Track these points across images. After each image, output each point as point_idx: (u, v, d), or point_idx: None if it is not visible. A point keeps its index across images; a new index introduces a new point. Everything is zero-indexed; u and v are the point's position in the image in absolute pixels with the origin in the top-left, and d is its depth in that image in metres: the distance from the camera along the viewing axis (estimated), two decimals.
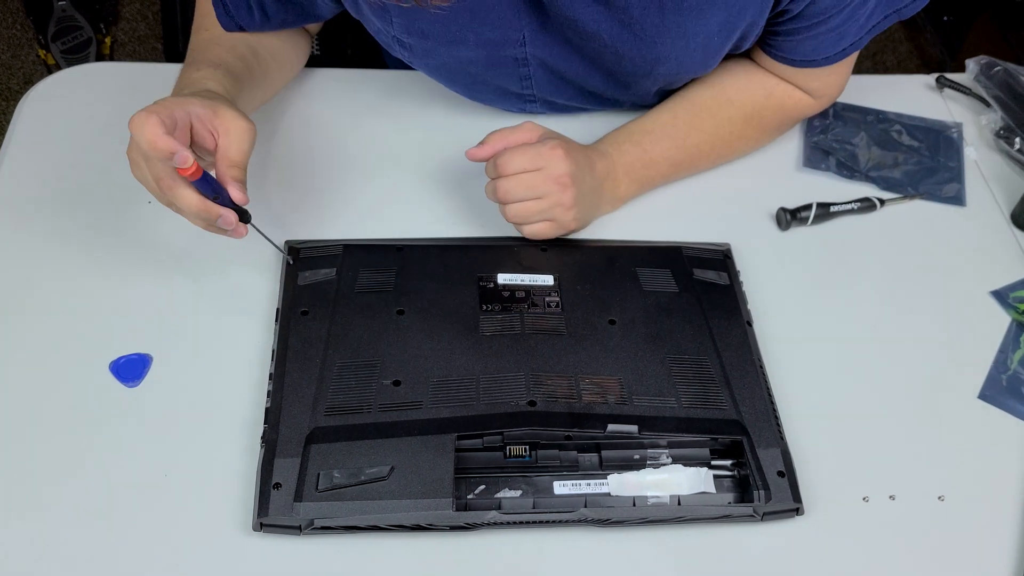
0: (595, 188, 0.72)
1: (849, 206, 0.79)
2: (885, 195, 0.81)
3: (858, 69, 0.83)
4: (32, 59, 1.78)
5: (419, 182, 0.79)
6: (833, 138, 0.86)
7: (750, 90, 0.78)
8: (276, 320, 0.66)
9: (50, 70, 1.72)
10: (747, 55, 0.79)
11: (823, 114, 0.88)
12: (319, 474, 0.57)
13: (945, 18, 1.85)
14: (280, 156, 0.80)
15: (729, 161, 0.81)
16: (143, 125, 0.58)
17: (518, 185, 0.68)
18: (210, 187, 0.61)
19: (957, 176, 0.84)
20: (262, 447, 0.59)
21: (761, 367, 0.66)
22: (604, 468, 0.61)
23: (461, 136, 0.82)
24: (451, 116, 0.84)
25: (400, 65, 0.82)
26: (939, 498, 0.62)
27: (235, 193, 0.62)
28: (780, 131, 0.82)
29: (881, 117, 0.88)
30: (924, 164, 0.85)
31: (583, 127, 0.82)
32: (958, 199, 0.82)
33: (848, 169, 0.84)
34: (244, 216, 0.63)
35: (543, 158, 0.68)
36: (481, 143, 0.70)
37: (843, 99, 0.89)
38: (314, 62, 0.87)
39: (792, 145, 0.85)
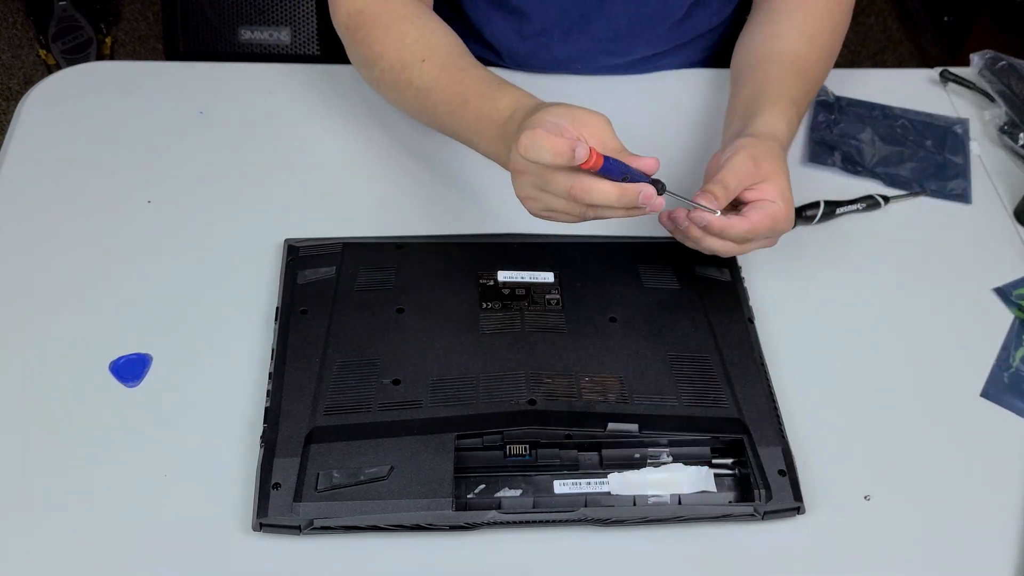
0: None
1: (855, 206, 0.78)
2: (891, 192, 0.81)
3: (858, 68, 0.82)
4: (32, 59, 1.78)
5: (419, 180, 0.78)
6: (838, 133, 0.86)
7: (818, 20, 0.78)
8: (276, 319, 0.66)
9: (50, 70, 1.72)
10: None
11: (828, 109, 0.87)
12: (319, 474, 0.57)
13: (945, 18, 1.84)
14: (279, 154, 0.80)
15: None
16: (538, 140, 0.56)
17: (756, 246, 0.66)
18: (618, 169, 0.58)
19: (963, 173, 0.84)
20: (261, 447, 0.59)
21: (763, 365, 0.66)
22: (604, 467, 0.60)
23: None
24: None
25: None
26: (940, 497, 0.62)
27: (646, 162, 0.59)
28: (845, 31, 0.82)
29: (886, 112, 0.88)
30: (930, 160, 0.84)
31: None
32: (964, 196, 0.82)
33: (853, 164, 0.83)
34: (659, 187, 0.59)
35: (783, 216, 0.64)
36: (712, 196, 0.63)
37: (847, 94, 0.89)
38: (314, 61, 0.87)
39: (796, 140, 0.85)
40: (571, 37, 0.84)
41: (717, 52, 0.93)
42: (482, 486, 0.59)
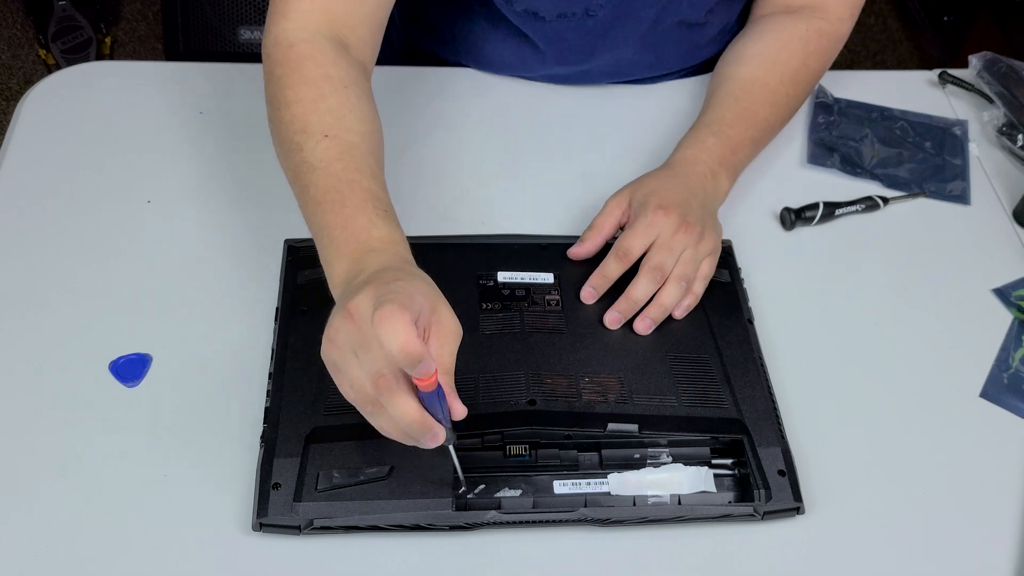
0: (704, 200, 0.71)
1: (854, 207, 0.78)
2: (890, 193, 0.81)
3: (857, 69, 0.82)
4: (32, 59, 1.78)
5: (419, 180, 0.78)
6: (837, 135, 0.86)
7: (788, 48, 0.79)
8: (275, 319, 0.66)
9: (50, 70, 1.72)
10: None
11: (827, 110, 0.87)
12: (319, 474, 0.57)
13: (945, 18, 1.84)
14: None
15: (790, 119, 0.81)
16: (397, 325, 0.47)
17: (653, 272, 0.66)
18: (436, 404, 0.52)
19: (962, 174, 0.84)
20: (261, 447, 0.59)
21: (762, 365, 0.66)
22: (604, 467, 0.60)
23: (460, 133, 0.82)
24: (451, 112, 0.83)
25: (397, 61, 0.82)
26: (940, 497, 0.62)
27: (458, 408, 0.53)
28: (825, 70, 0.83)
29: (885, 114, 0.88)
30: (929, 162, 0.84)
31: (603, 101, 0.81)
32: (963, 197, 0.82)
33: (853, 166, 0.83)
34: (449, 437, 0.54)
35: (654, 228, 0.66)
36: (580, 241, 0.69)
37: (846, 95, 0.89)
38: None
39: (796, 142, 0.85)
40: (573, 63, 0.84)
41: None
42: (482, 486, 0.59)
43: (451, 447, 0.55)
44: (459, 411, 0.54)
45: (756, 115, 0.77)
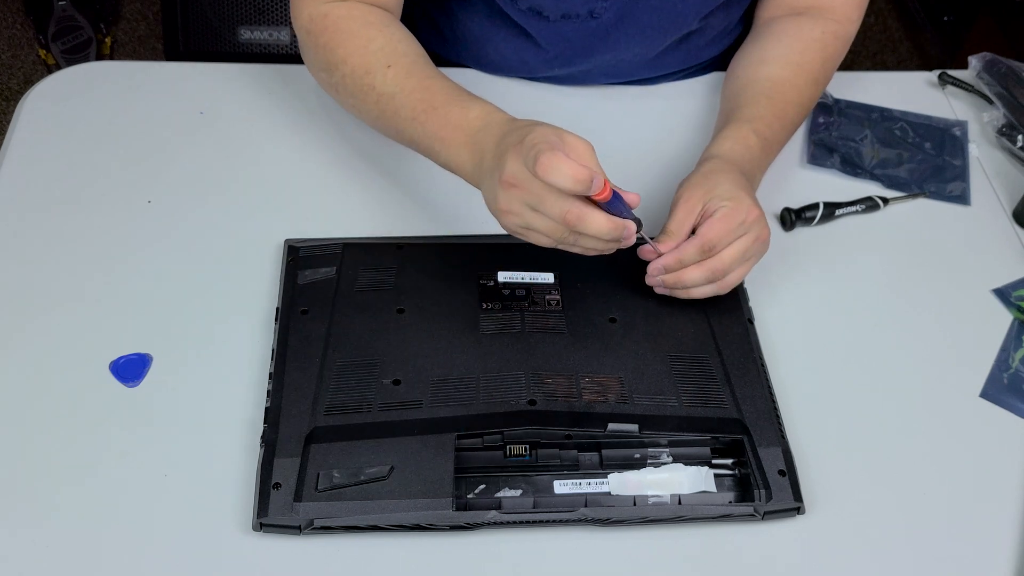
0: (754, 190, 0.71)
1: (854, 208, 0.78)
2: (890, 194, 0.81)
3: (857, 68, 0.83)
4: (32, 59, 1.78)
5: (419, 180, 0.78)
6: (838, 135, 0.86)
7: (809, 50, 0.79)
8: (276, 319, 0.66)
9: (50, 70, 1.72)
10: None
11: (827, 111, 0.87)
12: (319, 474, 0.57)
13: (945, 18, 1.84)
14: (279, 154, 0.80)
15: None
16: (559, 165, 0.55)
17: (734, 252, 0.65)
18: (618, 204, 0.59)
19: (961, 174, 0.84)
20: (262, 447, 0.59)
21: (762, 365, 0.66)
22: (604, 467, 0.60)
23: None
24: None
25: None
26: (940, 497, 0.62)
27: (631, 196, 0.60)
28: (834, 72, 0.83)
29: (886, 115, 0.88)
30: (929, 162, 0.84)
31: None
32: (963, 198, 0.82)
33: (853, 166, 0.83)
34: (638, 224, 0.61)
35: (743, 227, 0.64)
36: (657, 242, 0.65)
37: (847, 96, 0.89)
38: None
39: (796, 142, 0.85)
40: (573, 63, 0.84)
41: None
42: (482, 486, 0.59)
43: (642, 231, 0.62)
44: (633, 199, 0.60)
45: (787, 116, 0.77)
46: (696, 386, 0.63)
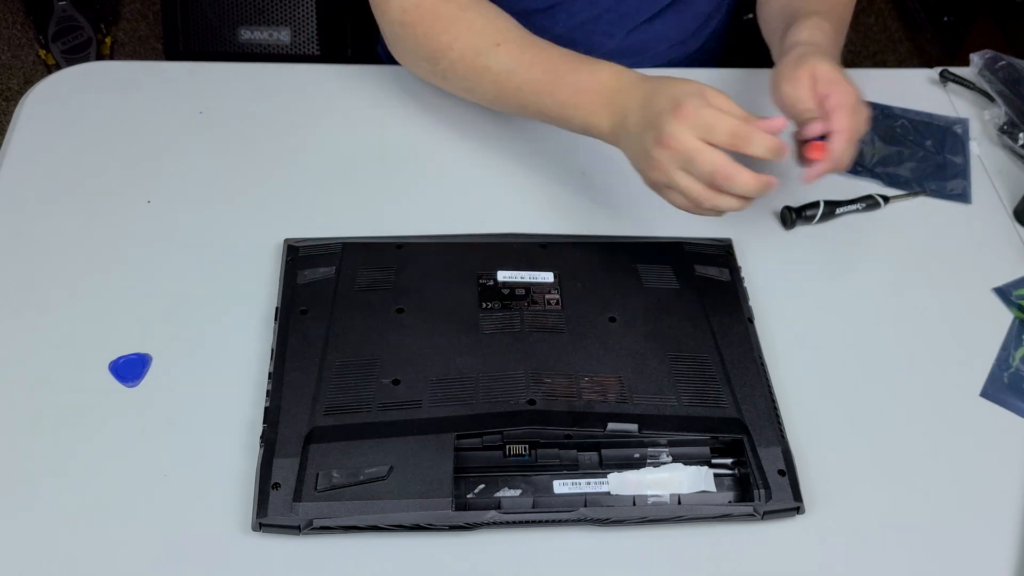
0: None
1: (855, 206, 0.78)
2: (890, 192, 0.81)
3: (858, 68, 0.82)
4: (32, 59, 1.78)
5: (419, 179, 0.78)
6: None
7: None
8: (275, 319, 0.66)
9: (50, 70, 1.72)
10: None
11: None
12: (318, 474, 0.57)
13: (945, 18, 1.84)
14: (279, 154, 0.80)
15: None
16: (754, 136, 0.59)
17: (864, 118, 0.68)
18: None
19: (962, 172, 0.84)
20: (261, 447, 0.59)
21: (762, 365, 0.66)
22: (604, 467, 0.60)
23: (460, 132, 0.82)
24: (451, 112, 0.83)
25: (397, 60, 0.82)
26: (940, 497, 0.62)
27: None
28: None
29: (886, 112, 0.88)
30: (930, 160, 0.84)
31: None
32: (963, 196, 0.82)
33: (853, 164, 0.83)
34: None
35: (861, 105, 0.67)
36: (806, 126, 0.67)
37: None
38: (314, 61, 0.87)
39: None
40: (575, 9, 0.84)
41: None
42: (482, 486, 0.59)
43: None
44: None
45: (839, 13, 0.77)
46: (696, 386, 0.63)
